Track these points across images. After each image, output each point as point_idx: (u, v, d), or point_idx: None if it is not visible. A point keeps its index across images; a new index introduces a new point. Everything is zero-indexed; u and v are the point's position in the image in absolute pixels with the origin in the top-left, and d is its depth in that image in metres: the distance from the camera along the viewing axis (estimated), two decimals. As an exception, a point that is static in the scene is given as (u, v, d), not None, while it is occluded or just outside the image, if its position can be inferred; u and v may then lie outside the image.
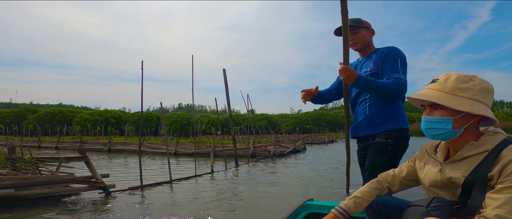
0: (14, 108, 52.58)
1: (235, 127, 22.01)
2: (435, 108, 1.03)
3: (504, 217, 0.83)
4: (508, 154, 0.90)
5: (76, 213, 3.41)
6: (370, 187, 1.27)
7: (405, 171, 1.26)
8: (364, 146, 1.96)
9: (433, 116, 1.02)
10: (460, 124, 1.00)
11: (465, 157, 1.00)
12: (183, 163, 9.44)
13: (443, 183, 1.04)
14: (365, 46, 1.97)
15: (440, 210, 1.01)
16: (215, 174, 6.66)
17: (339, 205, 1.25)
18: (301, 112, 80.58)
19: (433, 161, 1.12)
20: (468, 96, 0.98)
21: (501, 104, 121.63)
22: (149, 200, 4.07)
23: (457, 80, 1.00)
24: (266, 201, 4.02)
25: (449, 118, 0.99)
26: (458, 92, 0.99)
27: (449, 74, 1.04)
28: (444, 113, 1.00)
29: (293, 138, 21.49)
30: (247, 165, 8.51)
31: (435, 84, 1.05)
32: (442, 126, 1.00)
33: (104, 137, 24.98)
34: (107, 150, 14.81)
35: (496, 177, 0.90)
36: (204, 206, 3.71)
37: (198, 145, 12.64)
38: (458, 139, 1.02)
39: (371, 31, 1.99)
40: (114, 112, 48.86)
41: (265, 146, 11.33)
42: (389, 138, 1.78)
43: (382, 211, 1.20)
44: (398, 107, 1.85)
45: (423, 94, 1.04)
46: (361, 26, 1.93)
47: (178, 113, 52.14)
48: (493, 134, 1.00)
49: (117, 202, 3.92)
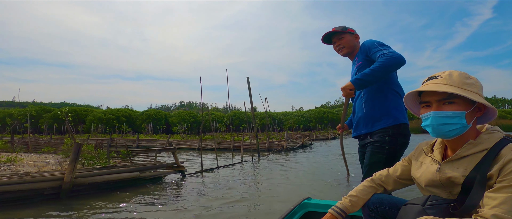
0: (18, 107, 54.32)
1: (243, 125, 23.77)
2: (447, 103, 0.98)
3: (502, 217, 0.82)
4: (508, 153, 0.89)
5: (169, 188, 5.26)
6: (365, 186, 1.28)
7: (399, 170, 1.26)
8: (363, 144, 1.99)
9: (445, 110, 0.98)
10: (470, 118, 0.98)
11: (464, 156, 0.98)
12: (211, 155, 11.33)
13: (442, 182, 1.02)
14: (351, 50, 2.07)
15: (436, 208, 0.99)
16: (244, 163, 8.52)
17: (336, 205, 1.27)
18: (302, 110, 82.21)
19: (430, 160, 1.10)
20: (474, 90, 0.97)
21: (502, 102, 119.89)
22: (209, 179, 5.93)
23: (461, 75, 0.99)
24: (288, 181, 5.90)
25: (462, 112, 0.96)
26: (466, 87, 0.97)
27: (450, 71, 1.02)
28: (457, 107, 0.97)
29: (300, 135, 23.36)
30: (266, 157, 10.38)
31: (439, 79, 1.01)
32: (456, 121, 0.97)
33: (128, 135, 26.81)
34: (136, 146, 16.73)
35: (495, 176, 0.89)
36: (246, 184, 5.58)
37: (219, 141, 14.54)
38: (458, 137, 1.00)
39: (356, 36, 2.09)
40: (124, 111, 50.76)
41: (278, 141, 13.23)
42: (386, 135, 1.79)
43: (379, 210, 1.20)
44: (393, 99, 1.86)
45: (436, 86, 0.99)
46: (345, 32, 2.04)
47: (185, 112, 54.08)
48: (492, 132, 1.00)
49: (189, 181, 5.73)
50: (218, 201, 3.91)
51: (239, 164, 8.25)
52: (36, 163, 5.87)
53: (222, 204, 3.75)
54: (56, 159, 6.59)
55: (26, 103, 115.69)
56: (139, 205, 3.72)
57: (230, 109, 52.91)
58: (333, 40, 2.09)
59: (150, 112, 50.67)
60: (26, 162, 5.90)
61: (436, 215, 0.95)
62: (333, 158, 9.76)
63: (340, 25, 2.09)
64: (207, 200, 3.97)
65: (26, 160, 6.22)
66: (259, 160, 9.46)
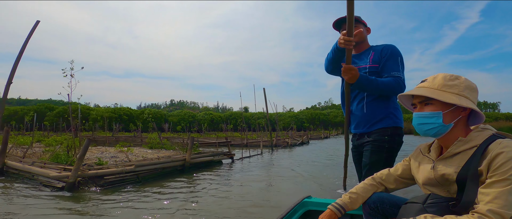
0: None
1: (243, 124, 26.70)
2: (426, 105, 1.07)
3: (497, 212, 0.85)
4: (495, 148, 0.93)
5: (226, 167, 8.05)
6: (366, 184, 1.31)
7: (400, 169, 1.29)
8: (359, 143, 1.98)
9: (424, 111, 1.07)
10: (450, 118, 1.04)
11: (455, 153, 1.03)
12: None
13: (437, 180, 1.06)
14: (360, 42, 1.99)
15: (436, 206, 1.02)
16: (263, 154, 11.37)
17: (336, 202, 1.29)
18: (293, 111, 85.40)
19: (426, 159, 1.15)
20: (455, 91, 1.04)
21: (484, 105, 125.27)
22: (246, 162, 8.78)
23: (444, 78, 1.06)
24: (300, 167, 8.83)
25: (439, 112, 1.04)
26: (446, 88, 1.05)
27: (437, 74, 1.10)
28: (434, 108, 1.05)
29: (298, 134, 26.38)
30: (277, 151, 13.28)
31: (424, 82, 1.10)
32: (433, 121, 1.04)
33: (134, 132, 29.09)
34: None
35: (485, 171, 0.93)
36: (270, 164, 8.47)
37: (233, 138, 17.37)
38: (448, 136, 1.06)
39: (368, 29, 2.03)
40: (126, 109, 52.73)
41: (284, 139, 16.18)
42: (385, 135, 1.81)
43: (379, 208, 1.23)
44: (394, 105, 1.88)
45: (414, 90, 1.10)
46: (360, 22, 1.98)
47: (185, 111, 56.42)
48: (482, 130, 1.04)
49: (236, 163, 8.48)
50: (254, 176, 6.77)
51: (260, 155, 11.15)
52: (146, 153, 8.49)
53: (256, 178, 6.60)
54: (147, 150, 9.30)
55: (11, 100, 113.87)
56: (216, 173, 6.49)
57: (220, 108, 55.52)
58: (344, 27, 1.89)
59: (149, 111, 52.90)
60: (136, 153, 8.51)
61: (436, 214, 0.98)
62: (328, 150, 12.76)
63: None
64: (247, 174, 6.80)
65: (135, 152, 8.77)
66: (272, 152, 12.36)
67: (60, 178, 4.21)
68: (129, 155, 7.02)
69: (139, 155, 7.45)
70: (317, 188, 4.79)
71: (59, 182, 4.26)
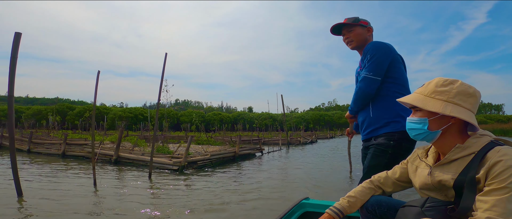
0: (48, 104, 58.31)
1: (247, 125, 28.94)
2: (417, 110, 1.08)
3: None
4: (493, 156, 0.92)
5: (258, 158, 10.60)
6: (364, 187, 1.31)
7: (398, 173, 1.29)
8: (366, 145, 1.97)
9: (413, 117, 1.09)
10: (437, 125, 1.04)
11: (453, 160, 1.02)
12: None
13: (434, 185, 1.06)
14: (361, 44, 1.94)
15: (434, 210, 1.02)
16: (281, 151, 13.90)
17: (334, 205, 1.29)
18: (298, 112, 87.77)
19: (423, 164, 1.15)
20: (443, 98, 1.02)
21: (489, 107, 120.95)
22: (272, 155, 11.35)
23: (437, 84, 1.05)
24: (314, 160, 11.40)
25: (425, 119, 1.05)
26: (434, 95, 1.04)
27: (433, 79, 1.09)
28: (421, 114, 1.06)
29: (307, 134, 28.97)
30: (292, 148, 15.83)
31: (420, 88, 1.11)
32: (420, 127, 1.06)
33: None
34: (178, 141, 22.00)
35: (483, 179, 0.92)
36: (289, 158, 11.04)
37: (250, 137, 19.96)
38: (444, 142, 1.06)
39: (369, 29, 1.96)
40: (141, 109, 55.64)
41: (297, 138, 18.77)
42: (391, 140, 1.76)
43: (377, 212, 1.23)
44: (400, 107, 1.79)
45: (405, 97, 1.12)
46: (356, 24, 1.92)
47: (195, 111, 59.22)
48: (480, 136, 1.02)
49: (265, 156, 10.98)
50: (279, 164, 9.33)
51: (280, 151, 13.73)
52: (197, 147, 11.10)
53: (283, 166, 9.16)
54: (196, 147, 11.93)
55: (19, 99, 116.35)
56: (250, 163, 9.08)
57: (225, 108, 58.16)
58: (343, 32, 1.99)
59: (163, 111, 55.55)
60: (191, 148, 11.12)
61: (434, 217, 0.99)
62: (334, 147, 15.28)
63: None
64: (276, 163, 9.35)
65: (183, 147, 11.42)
66: (288, 149, 14.93)
67: (175, 163, 6.78)
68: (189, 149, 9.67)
69: (195, 150, 10.08)
70: (329, 169, 7.37)
71: (173, 166, 6.81)
